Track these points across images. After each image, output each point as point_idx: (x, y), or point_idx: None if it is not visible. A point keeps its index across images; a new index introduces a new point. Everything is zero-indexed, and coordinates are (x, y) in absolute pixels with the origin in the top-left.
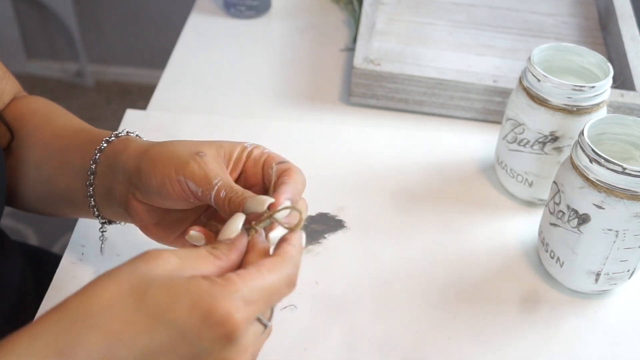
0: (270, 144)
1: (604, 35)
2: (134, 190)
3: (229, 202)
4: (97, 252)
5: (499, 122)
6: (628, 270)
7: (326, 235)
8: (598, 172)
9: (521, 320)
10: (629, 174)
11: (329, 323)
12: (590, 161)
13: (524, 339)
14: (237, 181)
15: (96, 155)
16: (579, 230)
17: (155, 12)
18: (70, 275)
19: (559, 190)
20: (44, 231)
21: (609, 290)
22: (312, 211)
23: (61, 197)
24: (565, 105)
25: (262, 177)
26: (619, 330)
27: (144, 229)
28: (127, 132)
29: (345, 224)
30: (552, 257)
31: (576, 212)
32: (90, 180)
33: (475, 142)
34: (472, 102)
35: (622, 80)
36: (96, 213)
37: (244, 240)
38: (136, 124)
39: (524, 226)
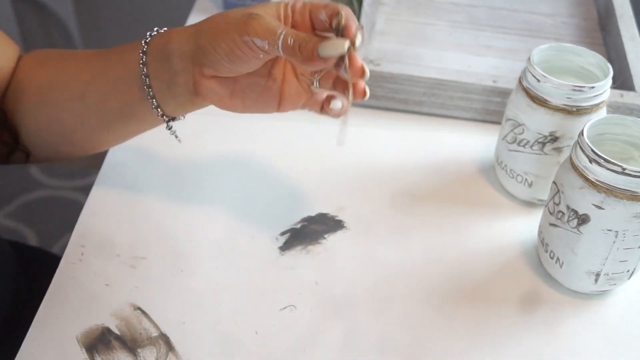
0: (270, 144)
1: (603, 35)
2: (200, 68)
3: (299, 48)
4: (96, 252)
5: (499, 123)
6: (628, 271)
7: (326, 236)
8: (598, 173)
9: (521, 321)
10: (629, 174)
11: (329, 323)
12: (590, 161)
13: (523, 339)
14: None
15: (142, 58)
16: (578, 230)
17: (155, 13)
18: (70, 276)
19: (558, 191)
20: (44, 231)
21: (609, 291)
22: (312, 211)
23: (117, 116)
24: (565, 105)
25: (311, 26)
26: (619, 330)
27: (220, 103)
28: (157, 29)
29: (345, 224)
30: (552, 258)
31: (576, 212)
32: (146, 82)
33: (475, 142)
34: (472, 103)
35: (622, 81)
36: (160, 112)
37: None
38: None
39: (524, 226)
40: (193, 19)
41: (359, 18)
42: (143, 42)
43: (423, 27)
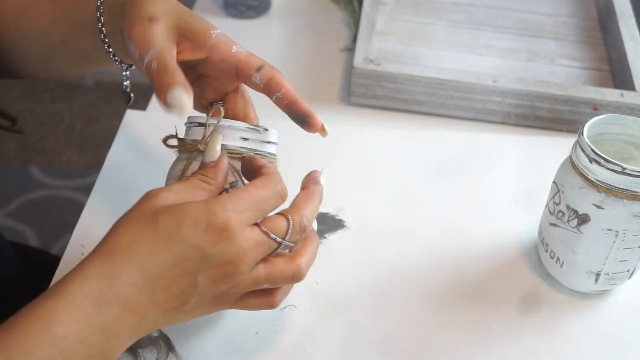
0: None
1: (603, 35)
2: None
3: (156, 78)
4: None
5: (498, 123)
6: (628, 270)
7: (326, 235)
8: (598, 172)
9: (521, 321)
10: (629, 174)
11: (329, 323)
12: (590, 161)
13: (523, 339)
14: (200, 64)
15: (100, 8)
16: (578, 230)
17: None
18: None
19: (558, 190)
20: (44, 231)
21: (609, 290)
22: None
23: (80, 55)
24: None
25: (234, 76)
26: (619, 330)
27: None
28: None
29: (345, 224)
30: (552, 257)
31: (576, 212)
32: (103, 32)
33: (475, 141)
34: (472, 102)
35: (622, 80)
36: (117, 59)
37: (224, 160)
38: (136, 124)
39: (524, 226)
40: None
41: (359, 17)
42: None
43: (423, 27)
